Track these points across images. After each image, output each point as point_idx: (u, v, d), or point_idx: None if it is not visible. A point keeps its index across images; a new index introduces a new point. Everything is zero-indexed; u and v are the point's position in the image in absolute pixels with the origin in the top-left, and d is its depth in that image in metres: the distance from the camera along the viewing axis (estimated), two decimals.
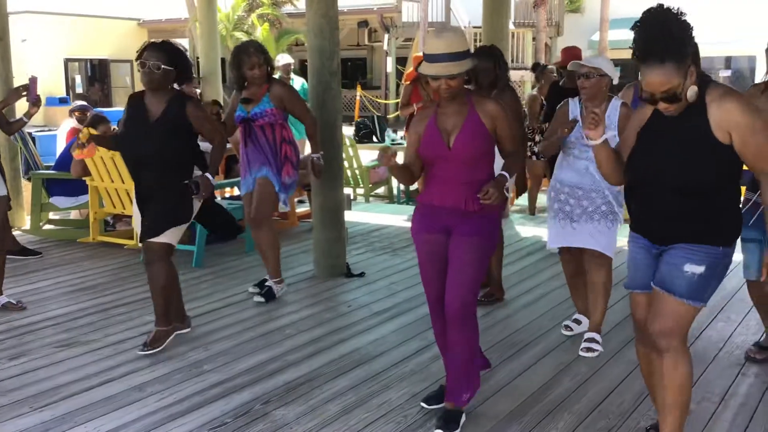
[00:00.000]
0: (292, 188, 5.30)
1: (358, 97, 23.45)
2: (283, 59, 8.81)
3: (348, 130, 9.64)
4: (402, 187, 9.85)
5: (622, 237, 3.78)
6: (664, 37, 2.64)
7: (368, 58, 29.26)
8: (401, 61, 23.97)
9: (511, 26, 19.60)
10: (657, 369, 2.92)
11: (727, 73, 24.20)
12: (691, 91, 2.65)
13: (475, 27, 22.63)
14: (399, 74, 24.16)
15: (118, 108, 17.46)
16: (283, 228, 7.30)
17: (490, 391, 3.73)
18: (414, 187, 10.06)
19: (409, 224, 3.62)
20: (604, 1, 23.48)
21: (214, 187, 4.31)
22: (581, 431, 3.33)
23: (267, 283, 5.29)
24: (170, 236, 4.23)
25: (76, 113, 7.94)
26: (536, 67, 9.27)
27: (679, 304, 2.81)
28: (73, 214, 7.90)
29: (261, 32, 22.45)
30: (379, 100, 24.14)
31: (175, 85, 4.30)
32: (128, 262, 6.32)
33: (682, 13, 2.70)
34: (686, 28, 2.69)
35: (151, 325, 4.58)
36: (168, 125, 4.17)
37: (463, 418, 3.37)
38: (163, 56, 4.14)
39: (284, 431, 3.36)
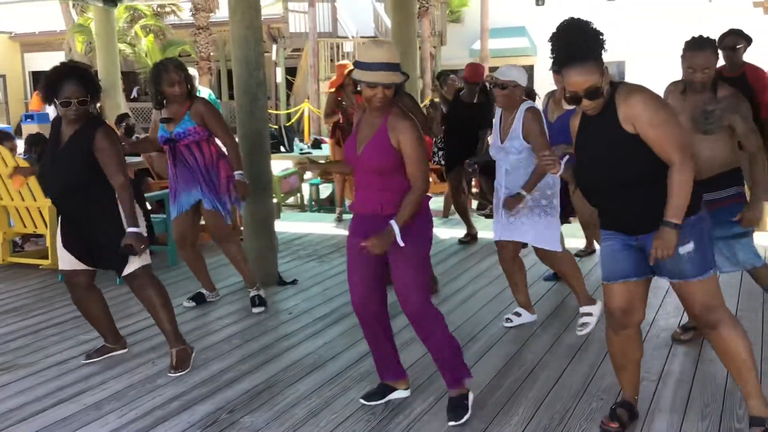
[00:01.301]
0: (236, 201, 5.22)
1: None
2: None
3: None
4: (313, 195, 9.93)
5: None
6: (583, 40, 3.03)
7: None
8: (290, 72, 23.98)
9: None
10: (716, 341, 3.14)
11: None
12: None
13: (362, 37, 22.98)
14: (289, 85, 24.18)
15: None
16: (205, 241, 7.21)
17: (445, 386, 3.87)
18: (324, 195, 10.18)
19: (328, 231, 3.74)
20: (484, 11, 24.39)
21: (146, 239, 4.01)
22: (541, 414, 3.52)
23: (252, 294, 5.31)
24: (143, 257, 4.11)
25: None
26: (440, 76, 9.56)
27: (699, 283, 3.07)
28: None
29: (146, 44, 21.91)
30: (270, 111, 24.02)
31: None
32: (46, 282, 6.11)
33: (590, 22, 3.16)
34: (598, 33, 3.10)
35: (89, 344, 4.56)
36: (74, 154, 3.90)
37: (471, 397, 3.56)
38: (83, 88, 3.89)
39: None
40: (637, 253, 3.14)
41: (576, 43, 3.04)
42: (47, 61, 29.59)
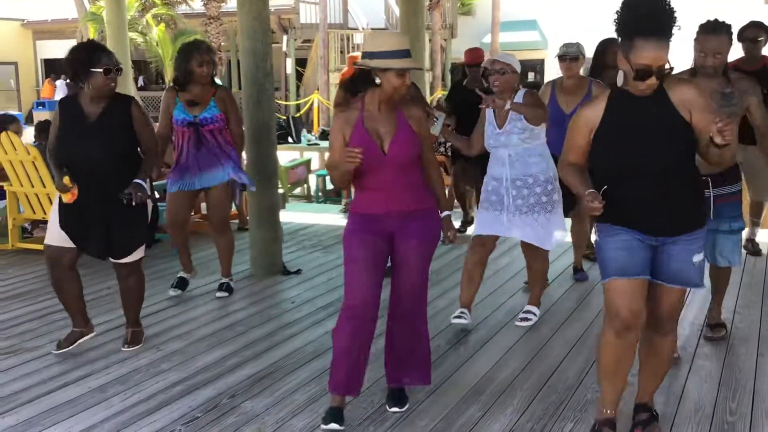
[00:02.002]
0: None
1: None
2: None
3: None
4: (320, 186, 10.00)
5: None
6: (666, 13, 2.76)
7: None
8: (300, 63, 24.03)
9: None
10: (656, 346, 3.18)
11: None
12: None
13: (373, 28, 23.00)
14: (299, 75, 24.23)
15: None
16: (206, 230, 7.29)
17: (445, 374, 3.94)
18: (330, 186, 10.24)
19: (334, 222, 3.75)
20: (495, 4, 24.31)
21: (147, 191, 4.11)
22: (536, 405, 3.58)
23: (223, 280, 5.41)
24: (141, 250, 4.28)
25: None
26: (454, 70, 9.54)
27: (682, 291, 3.09)
28: None
29: (157, 33, 21.99)
30: (279, 102, 24.08)
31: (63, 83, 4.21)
32: None
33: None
34: (674, 11, 2.82)
35: (95, 330, 4.57)
36: (113, 126, 4.09)
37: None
38: (115, 59, 4.10)
39: (256, 422, 3.46)
40: (650, 252, 3.00)
41: (661, 13, 2.76)
42: (59, 48, 29.68)
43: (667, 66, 2.80)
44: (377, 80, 3.24)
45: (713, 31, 3.74)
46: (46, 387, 3.85)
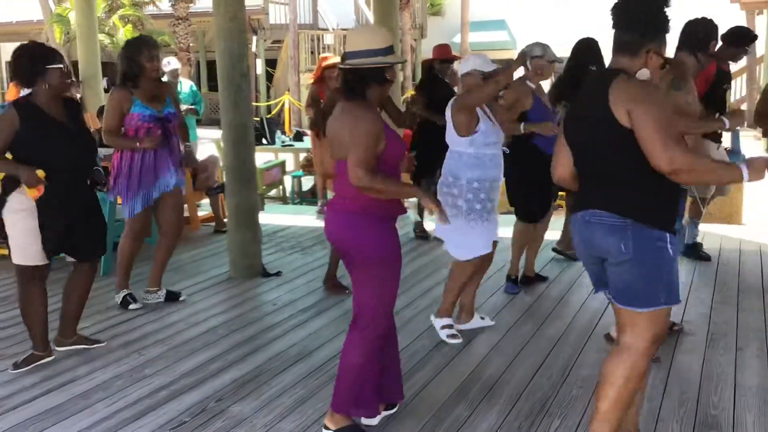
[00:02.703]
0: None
1: None
2: (171, 64, 8.54)
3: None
4: (295, 188, 9.97)
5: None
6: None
7: None
8: (270, 63, 23.92)
9: None
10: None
11: None
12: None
13: (342, 29, 22.97)
14: (269, 76, 24.11)
15: None
16: (185, 233, 7.23)
17: (431, 373, 3.95)
18: (305, 188, 10.21)
19: (311, 224, 3.72)
20: (464, 4, 24.45)
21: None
22: (522, 402, 3.61)
23: (153, 291, 5.26)
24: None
25: None
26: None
27: None
28: None
29: (124, 33, 21.70)
30: None
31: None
32: None
33: None
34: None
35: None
36: (85, 130, 4.20)
37: None
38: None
39: (245, 425, 3.44)
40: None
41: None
42: None
43: None
44: (387, 76, 3.09)
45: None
46: (29, 394, 3.80)
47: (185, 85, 8.74)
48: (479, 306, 5.03)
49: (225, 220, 7.49)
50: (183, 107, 6.87)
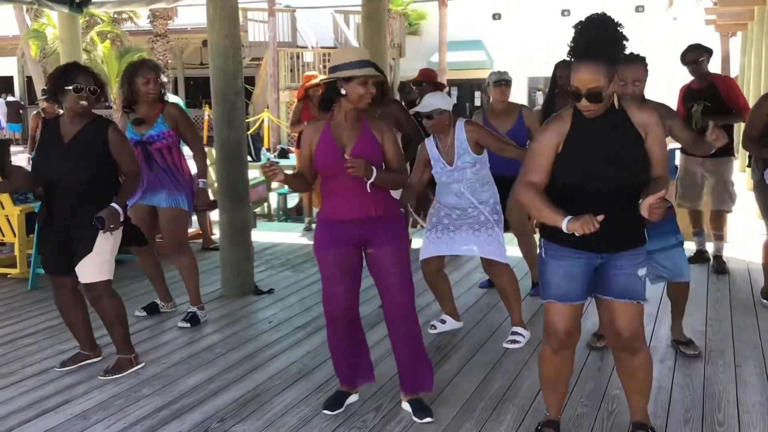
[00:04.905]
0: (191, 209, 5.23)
1: (206, 117, 23.09)
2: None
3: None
4: (281, 205, 9.92)
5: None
6: (603, 38, 2.93)
7: None
8: (248, 81, 23.87)
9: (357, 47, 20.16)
10: (629, 367, 3.23)
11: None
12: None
13: (322, 47, 23.03)
14: (247, 94, 24.06)
15: None
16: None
17: (434, 393, 3.90)
18: (291, 205, 10.17)
19: (299, 241, 3.77)
20: (441, 24, 24.69)
21: (120, 219, 4.03)
22: (529, 420, 3.59)
23: (190, 309, 5.18)
24: (109, 270, 4.16)
25: None
26: (404, 88, 9.56)
27: (638, 306, 3.13)
28: None
29: (102, 50, 21.59)
30: None
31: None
32: (15, 292, 6.01)
33: (620, 24, 3.00)
34: (622, 37, 2.98)
35: (66, 354, 4.50)
36: (89, 147, 4.05)
37: None
38: (93, 80, 4.06)
39: None
40: (592, 274, 3.13)
41: (596, 38, 2.92)
42: None
43: (606, 88, 2.89)
44: (342, 91, 3.42)
45: (630, 62, 3.92)
46: (25, 414, 3.72)
47: (171, 101, 8.68)
48: (477, 322, 5.03)
49: (213, 236, 7.46)
50: None
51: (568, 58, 3.09)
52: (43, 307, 5.49)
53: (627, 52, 3.12)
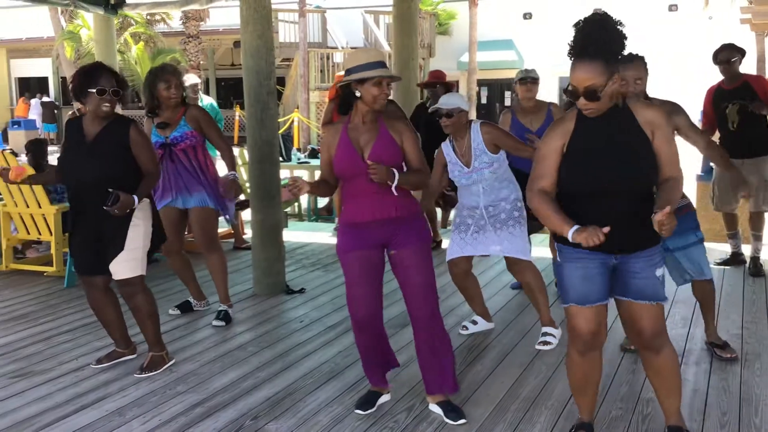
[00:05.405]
0: (232, 206, 5.30)
1: (237, 118, 23.27)
2: (189, 79, 8.59)
3: (235, 150, 9.47)
4: (311, 205, 9.96)
5: None
6: (600, 37, 2.89)
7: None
8: (279, 81, 24.00)
9: (387, 47, 20.17)
10: (655, 365, 3.19)
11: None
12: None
13: (351, 48, 23.07)
14: (278, 94, 24.21)
15: None
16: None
17: (466, 394, 3.91)
18: (321, 204, 10.21)
19: (329, 241, 3.77)
20: (472, 24, 24.58)
21: (131, 207, 4.04)
22: (562, 423, 3.57)
23: (221, 308, 5.23)
24: (142, 266, 4.21)
25: None
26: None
27: (658, 307, 3.10)
28: None
29: (136, 51, 21.85)
30: None
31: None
32: (52, 290, 6.09)
33: (621, 23, 2.96)
34: (621, 35, 2.93)
35: (103, 351, 4.53)
36: (110, 146, 4.09)
37: None
38: (115, 81, 4.08)
39: None
40: (609, 274, 3.10)
41: (593, 37, 2.89)
42: (33, 67, 29.56)
43: (603, 86, 2.86)
44: (357, 93, 3.43)
45: (630, 61, 3.91)
46: (62, 411, 3.77)
47: (206, 101, 8.76)
48: (509, 323, 5.02)
49: (244, 236, 7.51)
50: None
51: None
52: (78, 305, 5.57)
53: (656, 51, 3.10)
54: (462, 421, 3.55)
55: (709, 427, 3.51)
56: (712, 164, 6.22)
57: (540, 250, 6.06)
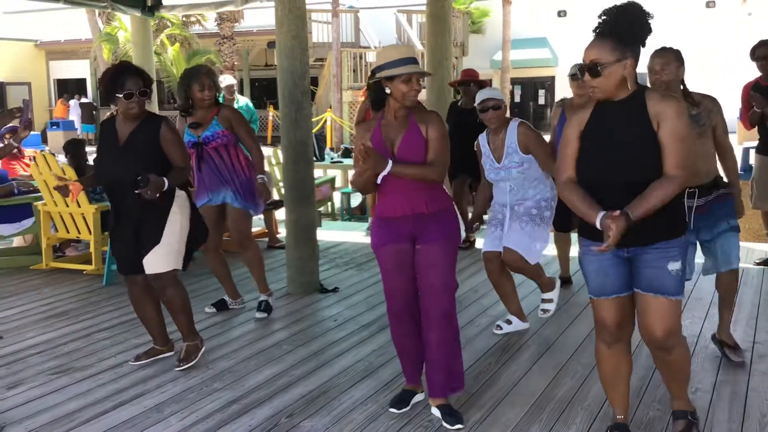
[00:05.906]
0: (261, 205, 5.34)
1: (270, 118, 23.44)
2: (225, 80, 8.69)
3: (268, 150, 9.54)
4: (344, 204, 10.00)
5: None
6: (618, 19, 2.90)
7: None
8: (312, 81, 24.13)
9: (420, 46, 20.14)
10: (666, 361, 3.17)
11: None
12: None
13: (384, 47, 23.12)
14: (312, 94, 24.34)
15: None
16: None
17: (500, 394, 3.90)
18: (354, 204, 10.24)
19: (363, 240, 3.78)
20: (505, 22, 24.46)
21: (162, 188, 4.03)
22: (598, 424, 3.54)
23: (261, 298, 5.33)
24: (176, 260, 4.27)
25: (6, 135, 7.68)
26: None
27: (671, 303, 3.02)
28: (16, 242, 7.61)
29: (171, 53, 22.12)
30: None
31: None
32: (91, 287, 6.20)
33: (648, 13, 2.93)
34: (643, 24, 2.91)
35: (141, 348, 4.60)
36: (144, 145, 4.14)
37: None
38: (142, 81, 4.13)
39: None
40: (626, 266, 3.08)
41: (610, 18, 2.91)
42: (72, 69, 30.07)
43: (607, 63, 2.87)
44: (387, 90, 3.45)
45: (660, 52, 3.93)
46: (102, 407, 3.84)
47: (241, 102, 8.85)
48: (544, 323, 4.98)
49: (278, 235, 7.56)
50: None
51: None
52: (117, 303, 5.66)
53: (693, 48, 3.07)
54: (458, 426, 3.51)
55: (749, 427, 3.45)
56: (751, 162, 6.12)
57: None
